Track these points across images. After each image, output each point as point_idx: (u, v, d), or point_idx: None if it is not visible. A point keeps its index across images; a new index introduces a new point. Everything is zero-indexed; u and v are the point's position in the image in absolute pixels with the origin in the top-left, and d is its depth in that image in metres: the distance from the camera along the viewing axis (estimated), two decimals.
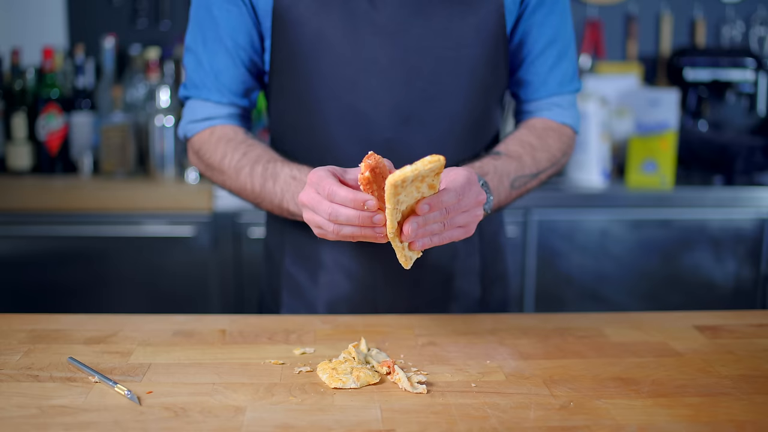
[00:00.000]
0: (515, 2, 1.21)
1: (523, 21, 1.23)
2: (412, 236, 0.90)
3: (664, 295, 2.51)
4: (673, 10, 3.02)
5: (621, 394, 0.92)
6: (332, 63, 1.16)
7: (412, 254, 0.95)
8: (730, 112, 3.03)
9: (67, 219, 2.32)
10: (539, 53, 1.25)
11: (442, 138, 1.20)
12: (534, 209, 2.40)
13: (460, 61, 1.18)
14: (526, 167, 1.19)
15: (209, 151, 1.21)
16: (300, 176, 1.09)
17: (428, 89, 1.17)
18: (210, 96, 1.23)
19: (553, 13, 1.24)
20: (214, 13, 1.19)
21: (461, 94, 1.19)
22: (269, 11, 1.18)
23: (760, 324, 1.19)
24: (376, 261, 1.25)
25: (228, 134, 1.21)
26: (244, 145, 1.18)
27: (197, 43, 1.22)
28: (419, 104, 1.18)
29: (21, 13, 2.81)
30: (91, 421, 0.83)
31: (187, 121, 1.25)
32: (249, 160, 1.15)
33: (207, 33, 1.21)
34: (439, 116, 1.19)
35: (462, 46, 1.17)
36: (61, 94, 2.52)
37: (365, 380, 0.93)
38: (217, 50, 1.21)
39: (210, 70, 1.22)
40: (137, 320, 1.15)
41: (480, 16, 1.17)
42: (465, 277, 1.30)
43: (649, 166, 2.50)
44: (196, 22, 1.22)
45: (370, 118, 1.17)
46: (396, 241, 0.92)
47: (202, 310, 2.36)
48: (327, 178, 0.91)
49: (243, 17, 1.19)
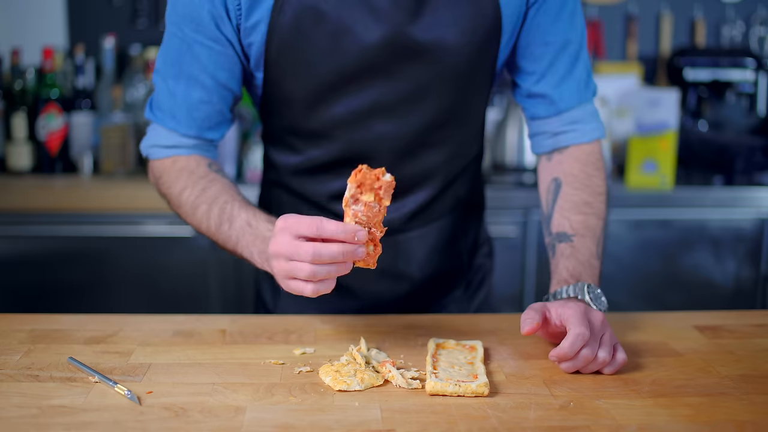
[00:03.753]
0: (514, 12, 1.15)
1: (526, 32, 1.17)
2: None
3: (664, 295, 2.51)
4: (673, 10, 3.02)
5: (621, 394, 0.92)
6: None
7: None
8: (730, 112, 3.03)
9: (67, 219, 2.32)
10: (548, 65, 1.19)
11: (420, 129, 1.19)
12: (534, 209, 2.40)
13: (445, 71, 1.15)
14: (597, 229, 1.15)
15: (169, 181, 1.17)
16: (255, 224, 1.05)
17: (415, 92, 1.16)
18: (178, 128, 1.17)
19: (560, 20, 1.16)
20: (196, 49, 1.11)
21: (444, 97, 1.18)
22: (261, 57, 1.13)
23: (760, 324, 1.19)
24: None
25: (190, 166, 1.16)
26: (204, 181, 1.14)
27: (171, 72, 1.14)
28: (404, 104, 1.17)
29: (21, 13, 2.81)
30: (91, 421, 0.83)
31: (150, 144, 1.20)
32: (207, 198, 1.11)
33: (185, 66, 1.13)
34: (418, 113, 1.18)
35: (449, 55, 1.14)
36: (61, 94, 2.52)
37: (369, 382, 0.93)
38: (194, 85, 1.14)
39: (182, 102, 1.15)
40: (137, 320, 1.15)
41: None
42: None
43: (649, 166, 2.50)
44: (174, 50, 1.13)
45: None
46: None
47: (202, 310, 2.35)
48: (305, 217, 0.91)
49: (228, 56, 1.13)
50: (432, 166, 1.22)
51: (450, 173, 1.25)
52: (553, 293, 1.07)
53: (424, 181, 1.23)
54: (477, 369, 0.96)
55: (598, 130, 1.23)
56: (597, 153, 1.22)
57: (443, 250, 1.29)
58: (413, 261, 1.27)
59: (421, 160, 1.20)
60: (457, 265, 1.33)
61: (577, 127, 1.21)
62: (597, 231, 1.15)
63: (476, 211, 1.36)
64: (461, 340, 1.06)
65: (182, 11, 1.10)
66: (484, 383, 0.91)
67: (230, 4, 1.08)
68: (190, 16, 1.10)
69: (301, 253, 0.90)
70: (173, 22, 1.12)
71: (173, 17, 1.12)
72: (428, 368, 0.96)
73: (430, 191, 1.24)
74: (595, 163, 1.21)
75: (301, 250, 0.90)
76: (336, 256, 0.89)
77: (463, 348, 1.04)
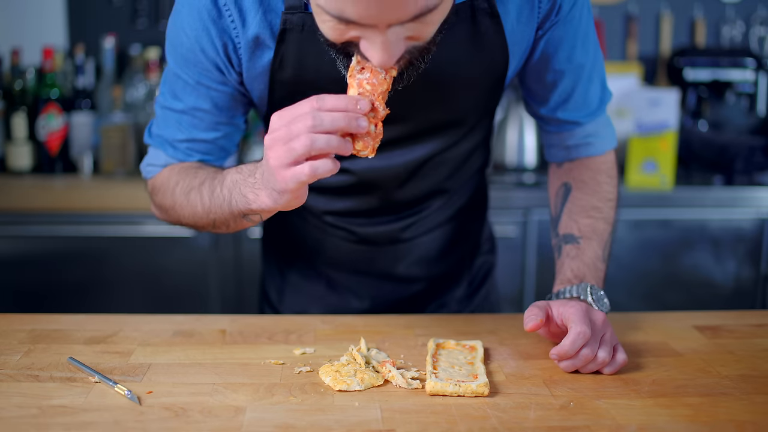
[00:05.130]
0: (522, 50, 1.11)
1: (536, 59, 1.12)
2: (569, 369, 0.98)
3: (664, 295, 2.51)
4: (673, 10, 3.02)
5: (621, 394, 0.92)
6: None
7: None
8: (730, 112, 3.03)
9: (67, 219, 2.32)
10: (560, 92, 1.15)
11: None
12: (534, 209, 2.40)
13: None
14: (604, 234, 1.15)
15: (162, 186, 1.14)
16: (245, 169, 1.00)
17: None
18: (177, 156, 1.14)
19: (571, 47, 1.11)
20: (201, 91, 1.08)
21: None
22: (265, 99, 1.10)
23: (760, 324, 1.19)
24: (369, 257, 1.26)
25: (183, 165, 1.14)
26: (194, 168, 1.11)
27: (175, 107, 1.11)
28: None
29: (21, 13, 2.81)
30: (91, 421, 0.83)
31: (147, 164, 1.18)
32: (198, 180, 1.08)
33: (188, 104, 1.09)
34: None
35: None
36: (61, 94, 2.51)
37: (369, 382, 0.93)
38: (197, 124, 1.11)
39: (185, 137, 1.13)
40: (137, 320, 1.15)
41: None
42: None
43: (649, 166, 2.50)
44: (179, 90, 1.09)
45: None
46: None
47: (202, 310, 2.35)
48: (301, 101, 0.86)
49: (233, 96, 1.10)
50: (435, 184, 1.22)
51: (453, 188, 1.25)
52: (555, 293, 1.07)
53: (427, 198, 1.23)
54: (477, 369, 0.96)
55: (611, 141, 1.22)
56: (610, 162, 1.21)
57: (446, 253, 1.30)
58: (416, 265, 1.27)
59: (424, 181, 1.20)
60: (459, 266, 1.34)
61: (590, 141, 1.20)
62: (604, 235, 1.15)
63: (479, 213, 1.36)
64: (461, 340, 1.07)
65: (185, 56, 1.05)
66: (484, 383, 0.91)
67: (232, 55, 1.04)
68: (192, 62, 1.05)
69: (299, 125, 0.84)
70: (177, 63, 1.07)
71: (176, 59, 1.07)
72: (428, 368, 0.96)
73: (433, 205, 1.24)
74: (607, 171, 1.20)
75: (299, 121, 0.85)
76: (337, 119, 0.84)
77: (463, 348, 1.04)
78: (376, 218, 1.23)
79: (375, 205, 1.21)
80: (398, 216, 1.23)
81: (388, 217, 1.23)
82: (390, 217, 1.23)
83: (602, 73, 1.18)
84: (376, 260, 1.26)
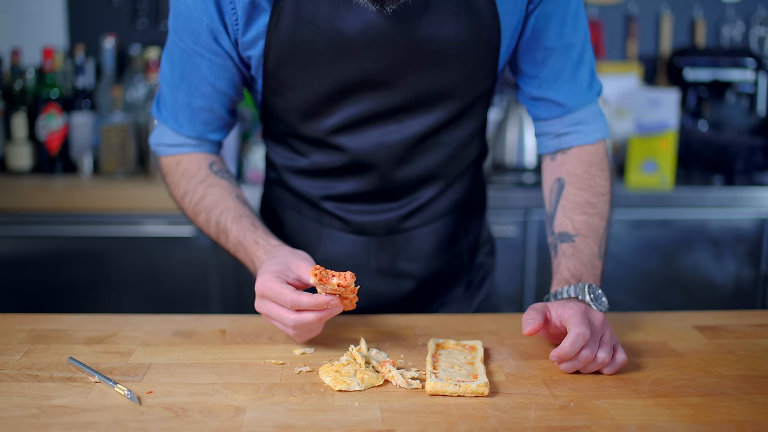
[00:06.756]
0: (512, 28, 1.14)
1: (527, 36, 1.16)
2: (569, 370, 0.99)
3: (664, 295, 2.51)
4: (673, 10, 3.02)
5: (621, 394, 0.92)
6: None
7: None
8: (730, 112, 3.03)
9: (67, 219, 2.32)
10: (550, 70, 1.18)
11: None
12: (534, 209, 2.40)
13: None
14: (600, 229, 1.15)
15: (173, 182, 1.23)
16: (246, 243, 1.13)
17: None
18: (181, 130, 1.21)
19: (561, 24, 1.15)
20: (196, 60, 1.14)
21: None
22: (260, 68, 1.14)
23: (760, 324, 1.19)
24: (367, 251, 1.27)
25: (191, 170, 1.21)
26: (203, 186, 1.20)
27: (174, 78, 1.18)
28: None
29: (21, 13, 2.81)
30: (91, 421, 0.83)
31: (157, 142, 1.25)
32: (205, 207, 1.19)
33: (186, 75, 1.16)
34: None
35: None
36: (61, 94, 2.52)
37: (369, 382, 0.93)
38: (195, 93, 1.18)
39: (185, 108, 1.19)
40: (137, 320, 1.15)
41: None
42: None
43: (649, 166, 2.50)
44: (176, 58, 1.16)
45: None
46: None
47: (202, 310, 2.36)
48: (281, 288, 0.98)
49: (227, 67, 1.15)
50: (432, 168, 1.22)
51: (450, 174, 1.25)
52: (553, 293, 1.07)
53: (424, 183, 1.23)
54: (477, 369, 0.96)
55: (602, 131, 1.22)
56: (601, 153, 1.22)
57: (444, 249, 1.30)
58: (414, 260, 1.27)
59: (420, 162, 1.21)
60: (458, 264, 1.34)
61: (580, 129, 1.21)
62: (599, 231, 1.15)
63: (477, 210, 1.36)
64: (461, 340, 1.07)
65: (183, 23, 1.12)
66: (484, 383, 0.91)
67: (228, 19, 1.09)
68: (189, 29, 1.12)
69: (285, 321, 1.00)
70: (176, 31, 1.14)
71: (175, 27, 1.14)
72: (428, 368, 0.96)
73: (430, 192, 1.24)
74: (599, 163, 1.21)
75: (285, 318, 0.99)
76: (312, 323, 0.99)
77: (463, 348, 1.04)
78: (373, 205, 1.24)
79: (372, 186, 1.22)
80: (396, 203, 1.23)
81: (386, 204, 1.24)
82: (388, 205, 1.24)
83: (592, 61, 1.21)
84: (373, 255, 1.26)
